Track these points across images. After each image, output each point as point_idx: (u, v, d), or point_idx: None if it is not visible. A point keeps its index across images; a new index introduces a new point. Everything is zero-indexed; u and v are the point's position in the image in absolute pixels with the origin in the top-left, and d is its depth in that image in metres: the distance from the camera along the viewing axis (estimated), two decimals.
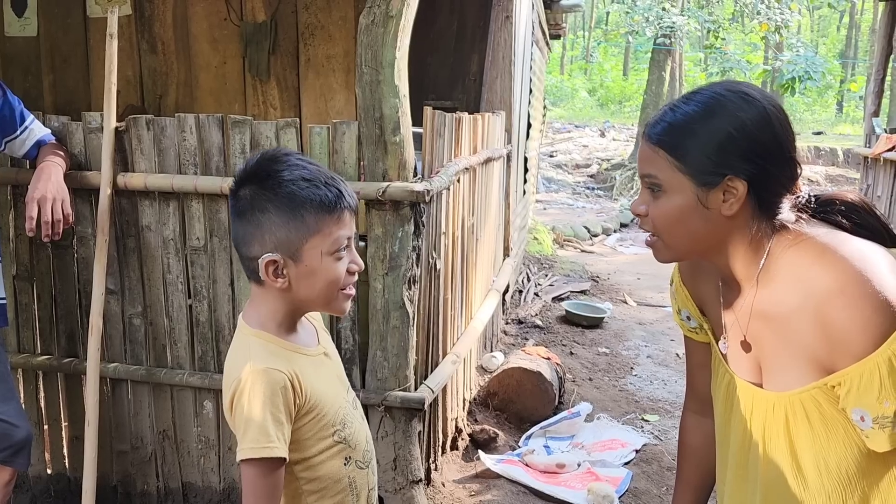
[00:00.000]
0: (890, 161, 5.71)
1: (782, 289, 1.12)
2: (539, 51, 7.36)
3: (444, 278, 2.88)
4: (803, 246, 1.11)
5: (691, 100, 1.14)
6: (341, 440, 1.33)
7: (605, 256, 8.74)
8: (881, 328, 1.01)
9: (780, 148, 1.11)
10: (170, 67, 5.02)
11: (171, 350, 2.63)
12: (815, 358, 1.09)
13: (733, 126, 1.09)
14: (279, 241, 1.24)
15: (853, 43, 31.26)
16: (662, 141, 1.14)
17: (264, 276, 1.25)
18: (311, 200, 1.23)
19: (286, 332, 1.31)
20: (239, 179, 1.28)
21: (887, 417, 1.03)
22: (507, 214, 4.81)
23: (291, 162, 1.26)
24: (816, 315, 1.06)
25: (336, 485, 1.33)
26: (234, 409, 1.23)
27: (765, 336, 1.17)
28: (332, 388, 1.37)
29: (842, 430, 1.11)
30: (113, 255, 2.57)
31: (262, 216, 1.24)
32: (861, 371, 1.03)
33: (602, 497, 2.94)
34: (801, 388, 1.12)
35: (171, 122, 2.47)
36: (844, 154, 16.43)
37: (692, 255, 1.24)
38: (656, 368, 4.72)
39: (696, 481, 1.50)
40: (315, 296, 1.28)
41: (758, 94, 1.13)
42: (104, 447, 2.65)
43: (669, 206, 1.14)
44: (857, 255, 1.06)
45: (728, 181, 1.10)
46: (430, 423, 2.86)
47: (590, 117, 24.35)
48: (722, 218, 1.12)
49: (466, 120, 3.09)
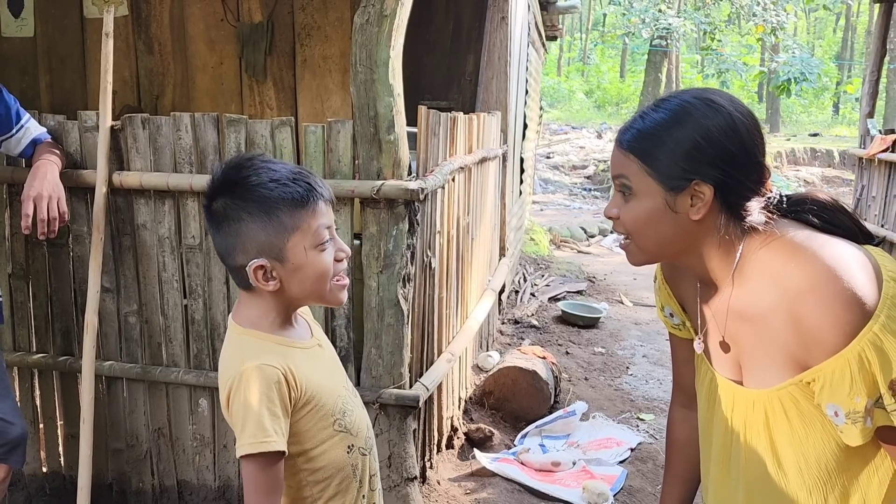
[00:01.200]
0: (885, 162, 5.73)
1: (757, 288, 1.14)
2: (535, 52, 7.38)
3: (439, 277, 2.89)
4: (776, 245, 1.13)
5: (660, 107, 1.17)
6: (342, 429, 1.35)
7: (601, 257, 8.75)
8: (851, 324, 1.02)
9: (747, 154, 1.13)
10: (166, 68, 5.03)
11: (167, 348, 2.63)
12: (791, 355, 1.10)
13: (699, 134, 1.12)
14: (261, 245, 1.24)
15: (849, 45, 31.34)
16: (633, 147, 1.17)
17: (255, 282, 1.26)
18: (282, 199, 1.24)
19: (279, 329, 1.32)
20: (210, 193, 1.28)
21: (858, 412, 1.04)
22: (502, 214, 4.82)
23: (257, 166, 1.27)
24: (790, 313, 1.08)
25: (339, 473, 1.34)
26: (231, 406, 1.24)
27: (742, 335, 1.19)
28: (330, 378, 1.38)
29: (819, 426, 1.12)
30: (108, 253, 2.57)
31: (238, 225, 1.25)
32: (833, 367, 1.04)
33: (597, 495, 2.95)
34: (779, 384, 1.13)
35: (167, 121, 2.47)
36: (840, 155, 16.47)
37: (664, 258, 1.27)
38: (651, 368, 4.74)
39: (684, 474, 1.51)
40: (308, 291, 1.29)
41: (725, 102, 1.15)
42: (99, 445, 2.66)
43: (639, 210, 1.17)
44: (828, 254, 1.08)
45: (695, 186, 1.13)
46: (426, 422, 2.87)
47: (587, 119, 24.37)
48: (690, 221, 1.15)
49: (461, 119, 3.11)
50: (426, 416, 2.86)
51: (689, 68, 27.23)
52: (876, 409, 1.04)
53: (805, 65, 17.68)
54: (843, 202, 1.21)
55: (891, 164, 5.65)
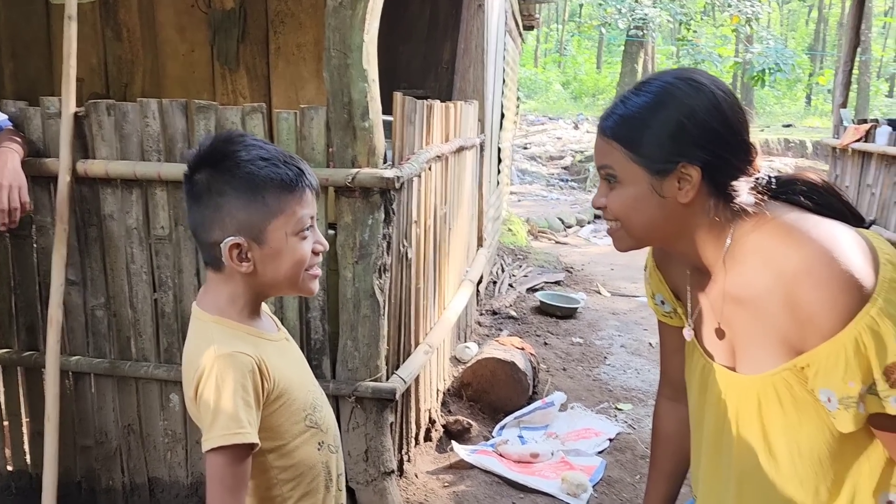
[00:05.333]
0: (858, 151, 5.78)
1: (751, 272, 1.11)
2: (512, 41, 7.34)
3: (415, 267, 2.84)
4: (769, 228, 1.10)
5: (641, 91, 1.14)
6: (313, 424, 1.31)
7: (578, 247, 8.76)
8: (848, 307, 1.00)
9: (732, 132, 1.11)
10: (135, 55, 4.91)
11: (136, 342, 2.56)
12: (786, 339, 1.08)
13: (683, 114, 1.09)
14: (241, 223, 1.19)
15: (821, 37, 31.71)
16: (615, 133, 1.14)
17: (228, 260, 1.21)
18: (271, 180, 1.19)
19: (248, 318, 1.27)
20: (194, 163, 1.23)
21: (852, 398, 1.02)
22: (480, 205, 4.78)
23: (247, 142, 1.22)
24: (785, 296, 1.05)
25: (311, 471, 1.30)
26: (201, 396, 1.18)
27: (737, 319, 1.16)
28: (299, 373, 1.35)
29: (813, 413, 1.09)
30: (73, 244, 2.49)
31: (220, 199, 1.19)
32: (828, 351, 1.02)
33: (576, 486, 2.94)
34: (773, 370, 1.11)
35: (133, 108, 2.39)
36: (813, 146, 16.68)
37: (653, 243, 1.24)
38: (629, 358, 4.74)
39: (669, 468, 1.49)
40: (281, 278, 1.25)
41: (706, 81, 1.12)
42: (67, 442, 2.58)
43: (626, 196, 1.15)
44: (824, 236, 1.05)
45: (682, 168, 1.10)
46: (403, 414, 2.82)
47: (564, 110, 24.40)
48: (679, 205, 1.12)
49: (438, 107, 3.05)
50: (403, 409, 2.82)
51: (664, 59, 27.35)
52: (869, 396, 1.02)
53: (779, 55, 17.86)
54: (834, 184, 1.18)
55: (864, 153, 5.70)
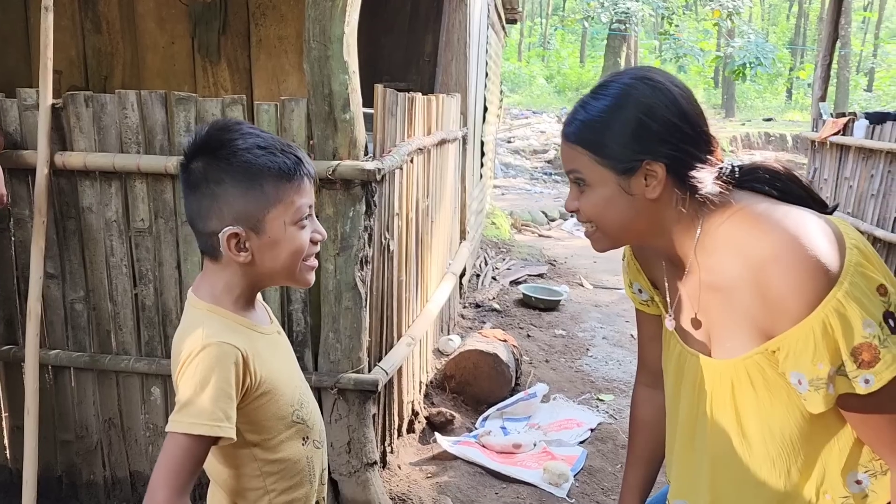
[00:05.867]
0: (836, 145, 5.84)
1: (723, 260, 1.14)
2: (495, 34, 7.34)
3: (397, 260, 2.84)
4: (737, 217, 1.13)
5: (600, 94, 1.17)
6: (299, 420, 1.30)
7: (561, 241, 8.80)
8: (815, 292, 1.02)
9: (691, 125, 1.13)
10: (115, 47, 4.86)
11: (116, 335, 2.55)
12: (757, 324, 1.10)
13: (643, 112, 1.12)
14: (238, 213, 1.18)
15: (802, 31, 31.96)
16: (579, 138, 1.17)
17: (226, 250, 1.19)
18: (269, 169, 1.17)
19: (242, 309, 1.26)
20: (190, 152, 1.20)
21: (821, 379, 1.05)
22: (463, 198, 4.79)
23: (244, 130, 1.20)
24: (755, 282, 1.08)
25: (295, 465, 1.29)
26: (181, 377, 1.16)
27: (712, 307, 1.19)
28: (289, 367, 1.34)
29: (785, 396, 1.12)
30: (52, 237, 2.47)
31: (217, 188, 1.17)
32: (797, 335, 1.05)
33: (557, 475, 2.96)
34: (745, 354, 1.13)
35: (112, 99, 2.38)
36: (793, 140, 16.85)
37: (629, 241, 1.27)
38: (611, 349, 4.78)
39: (646, 454, 1.51)
40: (279, 268, 1.23)
41: (662, 78, 1.15)
42: (47, 437, 2.57)
43: (596, 199, 1.17)
44: (791, 223, 1.08)
45: (647, 166, 1.13)
46: (386, 406, 2.83)
47: (547, 104, 24.43)
48: (647, 202, 1.15)
49: (420, 100, 3.05)
50: (386, 401, 2.83)
51: (647, 53, 27.48)
52: (838, 377, 1.04)
53: (760, 49, 18.00)
54: (795, 171, 1.21)
55: (842, 146, 5.76)
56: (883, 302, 1.03)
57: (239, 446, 1.21)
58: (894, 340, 1.02)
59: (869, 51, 31.35)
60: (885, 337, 1.01)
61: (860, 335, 1.01)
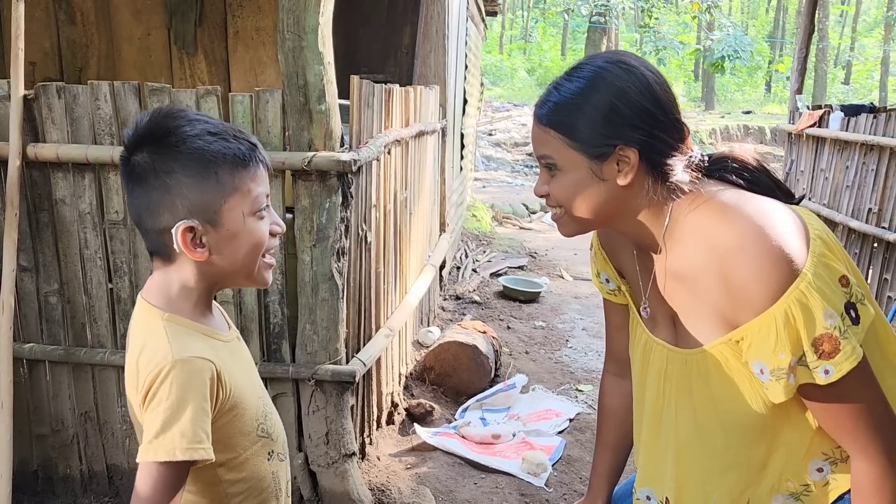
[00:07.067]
0: (812, 137, 5.91)
1: (689, 249, 1.14)
2: (475, 27, 7.33)
3: (375, 251, 2.85)
4: (706, 206, 1.13)
5: (573, 76, 1.15)
6: (264, 434, 1.23)
7: (542, 233, 8.83)
8: (779, 282, 1.03)
9: (664, 111, 1.13)
10: (90, 39, 4.80)
11: (91, 328, 2.53)
12: (722, 314, 1.11)
13: (616, 96, 1.11)
14: (193, 205, 1.08)
15: (780, 25, 32.22)
16: (551, 121, 1.15)
17: (182, 247, 1.09)
18: (223, 156, 1.09)
19: (201, 315, 1.17)
20: (131, 143, 1.11)
21: (782, 369, 1.05)
22: (442, 190, 4.79)
23: (190, 116, 1.12)
24: (719, 272, 1.08)
25: (260, 483, 1.23)
26: (151, 402, 1.07)
27: (678, 296, 1.20)
28: (250, 377, 1.26)
29: (747, 385, 1.13)
30: (25, 230, 2.45)
31: (168, 179, 1.08)
32: (760, 325, 1.05)
33: (536, 465, 2.98)
34: (709, 343, 1.14)
35: (84, 90, 2.35)
36: (772, 132, 17.01)
37: (597, 226, 1.26)
38: (591, 340, 4.81)
39: (614, 442, 1.52)
40: (238, 265, 1.15)
41: (636, 62, 1.15)
42: (22, 431, 2.54)
43: (567, 183, 1.16)
44: (757, 213, 1.08)
45: (619, 151, 1.12)
46: (364, 398, 2.84)
47: (529, 97, 24.45)
48: (619, 187, 1.14)
49: (397, 92, 3.05)
50: (365, 392, 2.83)
51: (628, 46, 27.56)
52: (799, 367, 1.05)
53: (738, 42, 18.13)
54: (763, 161, 1.22)
55: (818, 138, 5.83)
56: (845, 293, 1.04)
57: (202, 468, 1.11)
58: (854, 332, 1.03)
59: (846, 44, 31.68)
60: (846, 328, 1.02)
61: (822, 326, 1.02)
